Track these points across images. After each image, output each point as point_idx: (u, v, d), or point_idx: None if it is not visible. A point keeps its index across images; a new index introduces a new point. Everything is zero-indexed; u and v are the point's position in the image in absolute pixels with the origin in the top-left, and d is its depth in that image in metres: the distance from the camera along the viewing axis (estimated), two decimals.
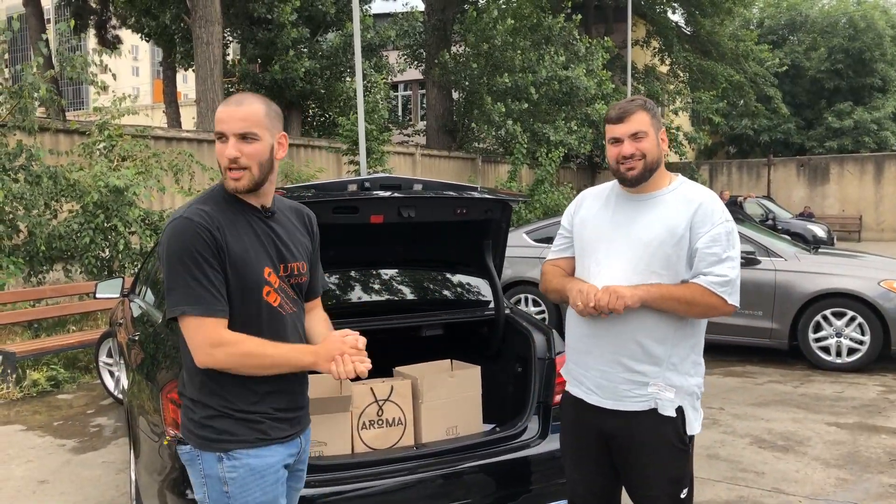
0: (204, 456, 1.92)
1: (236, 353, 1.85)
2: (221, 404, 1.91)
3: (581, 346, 2.43)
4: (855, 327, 6.76)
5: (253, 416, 1.92)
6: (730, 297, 2.29)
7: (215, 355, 1.84)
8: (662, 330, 2.29)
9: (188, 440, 1.96)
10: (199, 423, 1.92)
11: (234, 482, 1.90)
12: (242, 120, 1.92)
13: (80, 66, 8.36)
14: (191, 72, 16.86)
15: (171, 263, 1.86)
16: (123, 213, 7.62)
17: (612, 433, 2.36)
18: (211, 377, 1.90)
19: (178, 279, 1.84)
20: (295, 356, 1.92)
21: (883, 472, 4.33)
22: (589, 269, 2.41)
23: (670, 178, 2.41)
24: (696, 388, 2.36)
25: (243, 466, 1.91)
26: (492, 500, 2.91)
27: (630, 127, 2.33)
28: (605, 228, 2.40)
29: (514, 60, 17.25)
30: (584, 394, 2.43)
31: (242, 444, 1.91)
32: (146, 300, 4.30)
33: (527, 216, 15.49)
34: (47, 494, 4.18)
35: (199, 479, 1.95)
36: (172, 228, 1.87)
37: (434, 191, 3.02)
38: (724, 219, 2.31)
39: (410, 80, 26.56)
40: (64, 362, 6.96)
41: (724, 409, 5.66)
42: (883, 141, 29.10)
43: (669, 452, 2.30)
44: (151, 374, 3.11)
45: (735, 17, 27.05)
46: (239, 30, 16.58)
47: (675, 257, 2.29)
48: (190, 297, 1.83)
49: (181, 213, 1.91)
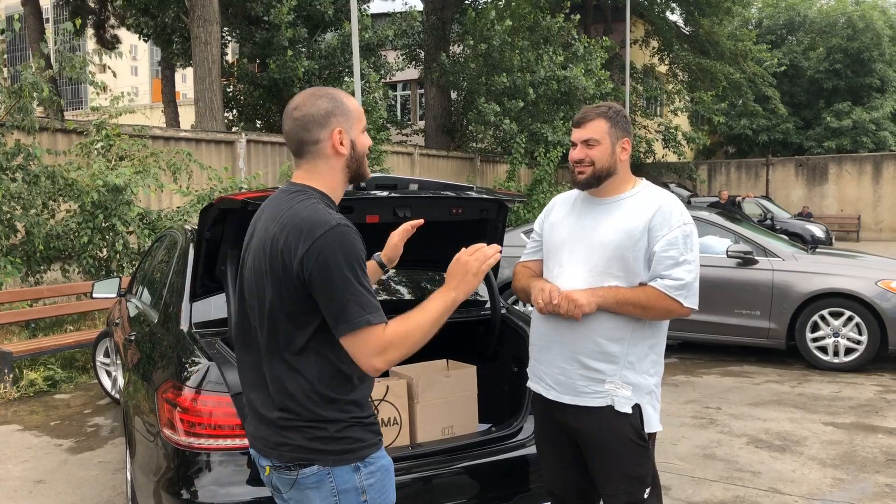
0: (336, 472, 1.81)
1: (403, 341, 1.74)
2: (350, 416, 1.83)
3: (541, 344, 2.51)
4: (852, 327, 6.77)
5: (371, 417, 1.89)
6: (686, 300, 2.33)
7: (389, 356, 1.74)
8: (619, 330, 2.36)
9: (315, 460, 1.81)
10: (332, 437, 1.80)
11: (373, 487, 1.84)
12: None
13: (79, 65, 8.36)
14: (189, 71, 16.86)
15: (341, 273, 1.72)
16: (122, 213, 7.62)
17: (574, 428, 2.44)
18: (331, 390, 1.81)
19: (354, 290, 1.72)
20: (439, 304, 1.80)
21: (879, 472, 4.33)
22: (552, 270, 2.50)
23: (634, 183, 2.48)
24: (654, 388, 2.42)
25: (379, 469, 1.86)
26: (487, 500, 2.91)
27: (584, 133, 2.42)
28: (570, 232, 2.49)
29: (513, 60, 17.25)
30: (543, 390, 2.51)
31: (373, 448, 1.86)
32: (143, 300, 4.30)
33: (525, 216, 15.50)
34: (44, 494, 4.18)
35: (331, 499, 1.82)
36: (336, 237, 1.73)
37: (430, 190, 3.02)
38: (682, 222, 2.36)
39: (409, 79, 26.56)
40: (61, 362, 6.96)
41: (722, 408, 5.67)
42: (881, 141, 29.09)
43: (629, 449, 2.36)
44: (147, 374, 3.12)
45: (734, 17, 27.04)
46: (237, 29, 16.56)
47: (632, 259, 2.35)
48: (370, 307, 1.72)
49: (334, 219, 1.75)
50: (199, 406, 2.58)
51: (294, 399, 1.81)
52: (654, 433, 2.42)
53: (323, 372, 1.81)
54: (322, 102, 1.87)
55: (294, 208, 1.80)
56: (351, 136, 1.89)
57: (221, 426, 2.57)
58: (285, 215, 1.80)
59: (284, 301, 1.79)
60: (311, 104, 1.87)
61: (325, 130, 1.86)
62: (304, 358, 1.81)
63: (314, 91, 1.91)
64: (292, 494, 1.86)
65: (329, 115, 1.86)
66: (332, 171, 1.89)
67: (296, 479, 1.83)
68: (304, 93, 1.91)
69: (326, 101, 1.87)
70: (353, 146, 1.90)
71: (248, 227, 2.94)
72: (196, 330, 3.06)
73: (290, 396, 1.81)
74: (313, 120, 1.86)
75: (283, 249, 1.77)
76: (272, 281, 1.80)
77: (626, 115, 2.48)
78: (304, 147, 1.88)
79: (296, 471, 1.82)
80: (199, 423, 2.57)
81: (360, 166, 1.93)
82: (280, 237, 1.78)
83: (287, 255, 1.75)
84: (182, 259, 3.47)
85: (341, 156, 1.88)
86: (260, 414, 1.89)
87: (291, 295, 1.77)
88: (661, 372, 2.47)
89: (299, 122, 1.87)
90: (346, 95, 1.92)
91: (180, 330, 3.09)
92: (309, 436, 1.81)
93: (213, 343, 2.85)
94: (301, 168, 1.91)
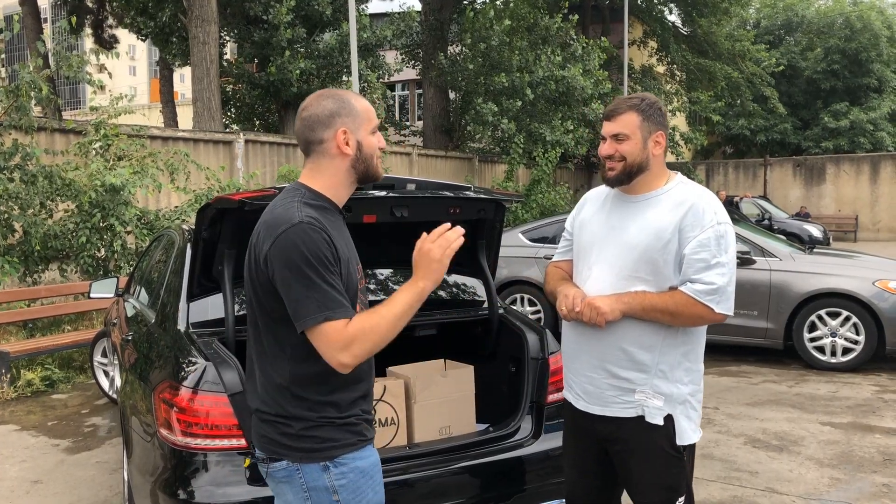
0: (305, 469, 1.84)
1: (367, 335, 1.75)
2: (319, 415, 1.84)
3: (570, 351, 2.42)
4: (850, 327, 6.78)
5: (349, 419, 1.88)
6: (718, 306, 2.18)
7: (354, 350, 1.74)
8: (649, 337, 2.23)
9: (284, 455, 1.85)
10: (298, 435, 1.84)
11: (345, 488, 1.85)
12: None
13: (77, 65, 8.35)
14: (188, 71, 16.84)
15: (298, 270, 1.74)
16: (120, 213, 7.61)
17: (605, 438, 2.35)
18: (304, 389, 1.83)
19: (312, 286, 1.74)
20: (406, 296, 1.80)
21: (876, 472, 4.34)
22: (581, 273, 2.40)
23: (668, 179, 2.33)
24: (688, 397, 2.28)
25: (352, 471, 1.86)
26: (485, 500, 2.91)
27: (613, 127, 2.29)
28: (600, 231, 2.37)
29: (512, 60, 17.25)
30: (573, 399, 2.43)
31: (347, 448, 1.86)
32: (140, 300, 4.29)
33: (523, 216, 15.49)
34: (41, 494, 4.17)
35: (301, 494, 1.86)
36: (296, 234, 1.75)
37: (427, 190, 3.02)
38: (716, 221, 2.20)
39: (407, 79, 26.56)
40: (59, 362, 6.95)
41: (719, 408, 5.67)
42: (879, 141, 29.13)
43: (662, 460, 2.25)
44: (144, 374, 3.11)
45: (732, 18, 27.06)
46: (236, 29, 16.55)
47: (661, 262, 2.22)
48: (330, 303, 1.74)
49: (294, 217, 1.78)
50: (195, 406, 2.58)
51: (268, 394, 1.88)
52: (691, 444, 2.29)
53: (297, 370, 1.84)
54: (328, 103, 1.90)
55: (272, 208, 1.87)
56: (357, 136, 1.91)
57: (218, 426, 2.56)
58: (263, 216, 1.87)
59: (261, 298, 1.85)
60: (317, 105, 1.91)
61: (329, 130, 1.89)
62: (280, 355, 1.86)
63: (322, 92, 1.95)
64: (272, 486, 1.96)
65: (333, 115, 1.89)
66: (335, 171, 1.92)
67: (267, 472, 1.92)
68: (314, 94, 1.96)
69: (332, 102, 1.90)
70: (360, 147, 1.91)
71: (244, 226, 2.94)
72: (193, 330, 3.06)
73: (266, 391, 1.89)
74: (318, 120, 1.89)
75: (256, 248, 1.84)
76: (255, 278, 1.85)
77: (660, 107, 2.31)
78: (310, 146, 1.92)
79: (268, 464, 1.90)
80: (196, 423, 2.56)
81: (369, 167, 1.95)
82: (256, 237, 1.86)
83: (258, 252, 1.82)
84: (179, 259, 3.46)
85: (346, 156, 1.91)
86: (250, 406, 1.98)
87: (265, 292, 1.83)
88: (699, 379, 2.33)
89: (306, 121, 1.91)
90: (356, 96, 1.95)
91: (177, 330, 3.08)
92: (278, 431, 1.87)
93: (210, 343, 2.85)
94: (306, 167, 1.95)
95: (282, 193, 1.93)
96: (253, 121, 18.45)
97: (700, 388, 2.35)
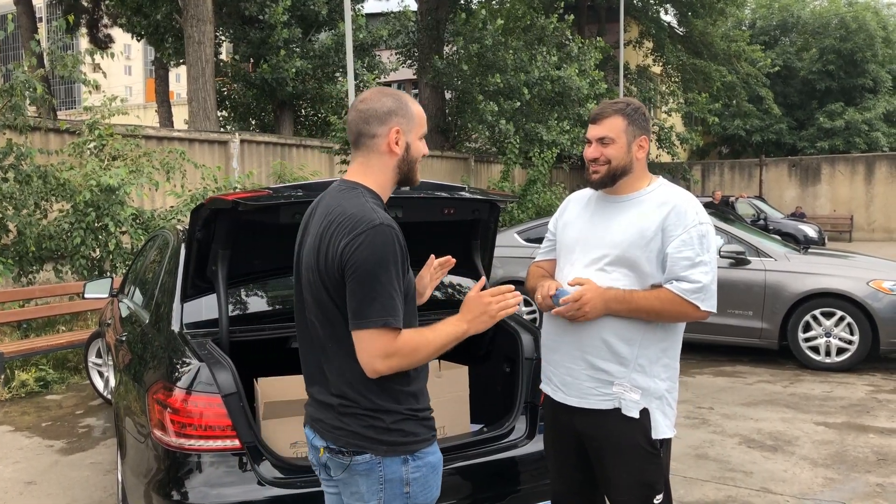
0: (386, 461, 1.87)
1: (409, 353, 1.82)
2: (406, 407, 1.88)
3: (550, 344, 2.45)
4: (844, 327, 6.80)
5: (426, 412, 1.94)
6: (703, 304, 2.24)
7: (392, 362, 1.80)
8: (630, 330, 2.28)
9: (369, 449, 1.87)
10: (388, 428, 1.86)
11: (417, 481, 1.89)
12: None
13: (71, 64, 8.33)
14: (183, 71, 16.81)
15: (373, 272, 1.77)
16: (115, 213, 7.59)
17: (582, 431, 2.37)
18: (389, 380, 1.86)
19: (381, 289, 1.77)
20: (451, 330, 1.88)
21: (870, 472, 4.35)
22: (563, 270, 2.45)
23: (649, 181, 2.39)
24: (665, 393, 2.32)
25: (425, 465, 1.91)
26: (479, 500, 2.91)
27: (599, 130, 2.34)
28: (583, 231, 2.42)
29: (507, 60, 17.25)
30: (551, 391, 2.46)
31: (424, 444, 1.91)
32: (134, 300, 4.28)
33: (519, 216, 15.49)
34: (34, 496, 4.16)
35: (376, 486, 1.88)
36: (377, 236, 1.78)
37: (422, 191, 3.01)
38: (698, 221, 2.27)
39: (403, 79, 26.54)
40: (53, 363, 6.93)
41: (714, 408, 5.68)
42: (874, 141, 29.22)
43: (638, 455, 2.28)
44: (138, 375, 3.10)
45: (727, 18, 27.12)
46: (231, 29, 16.53)
47: (643, 260, 2.27)
48: (392, 309, 1.78)
49: (378, 218, 1.80)
50: (189, 407, 2.57)
51: (353, 387, 1.87)
52: (667, 439, 2.33)
53: None
54: (387, 100, 1.94)
55: (342, 204, 1.88)
56: (408, 138, 1.95)
57: (212, 427, 2.56)
58: (334, 211, 1.87)
59: (331, 293, 1.86)
60: (377, 100, 1.94)
61: (384, 127, 1.92)
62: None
63: (383, 89, 1.99)
64: (343, 477, 1.93)
65: (391, 113, 1.92)
66: (383, 169, 1.95)
67: (349, 465, 1.89)
68: (373, 89, 1.99)
69: (391, 100, 1.94)
70: (408, 149, 1.96)
71: (238, 227, 2.93)
72: (187, 331, 3.06)
73: (349, 384, 1.87)
74: (375, 115, 1.92)
75: (329, 243, 1.83)
76: (326, 274, 1.85)
77: (644, 111, 2.37)
78: (362, 139, 1.94)
79: (349, 457, 1.88)
80: (190, 424, 2.56)
81: (411, 170, 1.99)
82: (328, 231, 1.85)
83: (332, 248, 1.82)
84: (173, 259, 3.45)
85: (395, 155, 1.94)
86: (318, 400, 1.96)
87: (336, 286, 1.84)
88: (676, 376, 2.38)
89: (362, 114, 1.94)
90: (413, 101, 1.99)
91: (171, 330, 3.08)
92: (365, 424, 1.87)
93: (204, 344, 2.85)
94: (356, 161, 1.98)
95: (337, 186, 1.96)
96: (249, 121, 18.43)
97: (676, 387, 2.40)
